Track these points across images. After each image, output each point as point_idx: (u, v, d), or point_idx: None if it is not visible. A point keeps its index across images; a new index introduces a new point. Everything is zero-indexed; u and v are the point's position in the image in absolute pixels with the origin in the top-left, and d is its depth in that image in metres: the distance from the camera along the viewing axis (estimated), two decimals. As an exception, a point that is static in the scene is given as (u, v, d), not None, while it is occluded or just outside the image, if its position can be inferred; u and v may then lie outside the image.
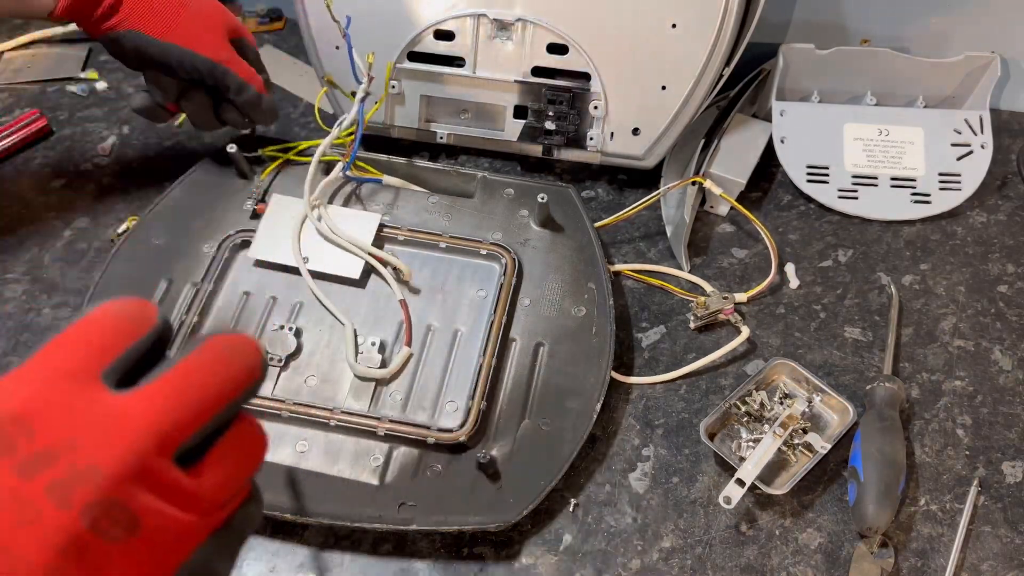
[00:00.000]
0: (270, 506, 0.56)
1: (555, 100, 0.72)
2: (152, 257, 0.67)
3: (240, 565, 0.56)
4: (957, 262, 0.73)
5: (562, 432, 0.59)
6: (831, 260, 0.73)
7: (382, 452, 0.58)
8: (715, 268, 0.72)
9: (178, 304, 0.64)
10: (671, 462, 0.61)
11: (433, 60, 0.73)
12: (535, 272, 0.67)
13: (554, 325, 0.64)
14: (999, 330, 0.68)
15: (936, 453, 0.62)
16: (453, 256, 0.68)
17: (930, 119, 0.77)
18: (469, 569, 0.56)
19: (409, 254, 0.68)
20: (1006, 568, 0.57)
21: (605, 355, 0.62)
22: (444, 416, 0.61)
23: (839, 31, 0.81)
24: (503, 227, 0.69)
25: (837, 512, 0.59)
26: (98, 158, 0.79)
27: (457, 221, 0.69)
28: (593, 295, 0.65)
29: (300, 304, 0.66)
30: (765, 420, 0.62)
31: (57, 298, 0.69)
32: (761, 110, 0.80)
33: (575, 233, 0.69)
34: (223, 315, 0.65)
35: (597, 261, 0.67)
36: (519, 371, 0.62)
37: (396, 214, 0.70)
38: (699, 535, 0.58)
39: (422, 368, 0.63)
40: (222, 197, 0.70)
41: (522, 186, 0.71)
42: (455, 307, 0.66)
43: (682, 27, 0.67)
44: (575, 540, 0.58)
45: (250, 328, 0.64)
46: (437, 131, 0.76)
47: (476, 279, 0.67)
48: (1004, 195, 0.78)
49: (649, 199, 0.70)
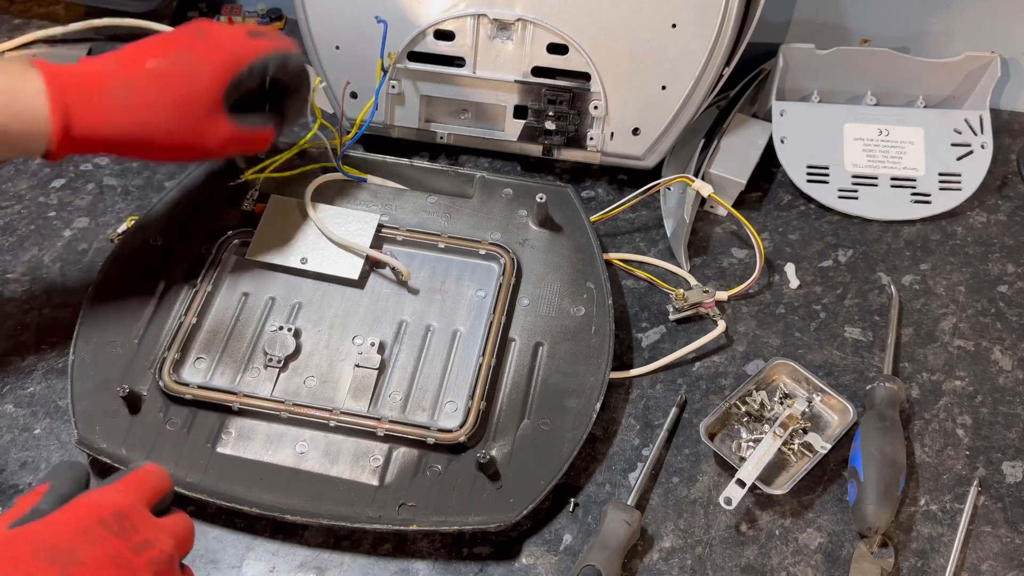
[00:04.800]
0: (270, 507, 0.56)
1: (555, 100, 0.72)
2: (151, 257, 0.67)
3: (240, 565, 0.56)
4: (957, 262, 0.73)
5: (562, 432, 0.59)
6: (831, 260, 0.73)
7: (382, 452, 0.58)
8: (715, 268, 0.72)
9: (177, 305, 0.64)
10: (671, 462, 0.61)
11: (433, 60, 0.72)
12: (534, 272, 0.67)
13: (553, 325, 0.64)
14: (999, 330, 0.68)
15: (936, 453, 0.62)
16: (452, 256, 0.68)
17: (930, 119, 0.77)
18: (469, 569, 0.56)
19: (408, 254, 0.68)
20: (1006, 568, 0.57)
21: (604, 355, 0.62)
22: (444, 416, 0.60)
23: (839, 31, 0.81)
24: (502, 227, 0.69)
25: (837, 512, 0.59)
26: (98, 158, 0.79)
27: (456, 221, 0.69)
28: (592, 295, 0.65)
29: (299, 305, 0.66)
30: (765, 420, 0.62)
31: (57, 298, 0.69)
32: (761, 110, 0.80)
33: (574, 233, 0.69)
34: (221, 316, 0.65)
35: (596, 261, 0.67)
36: (518, 371, 0.62)
37: (395, 214, 0.70)
38: (699, 535, 0.58)
39: (422, 368, 0.63)
40: (221, 197, 0.70)
41: (521, 186, 0.71)
42: (454, 307, 0.66)
43: (682, 27, 0.67)
44: (575, 540, 0.58)
45: (249, 328, 0.64)
46: (437, 131, 0.76)
47: (475, 279, 0.67)
48: (1004, 195, 0.78)
49: (641, 193, 0.70)
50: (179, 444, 0.58)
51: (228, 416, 0.60)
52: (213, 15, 0.91)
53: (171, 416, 0.59)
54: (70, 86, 0.54)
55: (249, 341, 0.64)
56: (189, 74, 0.56)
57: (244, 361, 0.63)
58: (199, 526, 0.58)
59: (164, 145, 0.57)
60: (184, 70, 0.56)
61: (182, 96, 0.56)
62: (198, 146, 0.58)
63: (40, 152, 0.55)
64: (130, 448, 0.58)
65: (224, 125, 0.58)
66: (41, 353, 0.66)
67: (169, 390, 0.59)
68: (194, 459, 0.58)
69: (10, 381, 0.64)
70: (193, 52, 0.57)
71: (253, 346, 0.63)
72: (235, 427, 0.59)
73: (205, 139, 0.58)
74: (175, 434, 0.59)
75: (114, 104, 0.55)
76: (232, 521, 0.58)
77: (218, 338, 0.64)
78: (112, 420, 0.59)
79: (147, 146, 0.57)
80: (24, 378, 0.64)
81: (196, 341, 0.63)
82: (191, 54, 0.57)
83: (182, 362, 0.62)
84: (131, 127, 0.55)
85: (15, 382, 0.64)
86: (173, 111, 0.56)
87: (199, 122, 0.57)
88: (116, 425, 0.59)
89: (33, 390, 0.64)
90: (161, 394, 0.60)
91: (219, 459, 0.58)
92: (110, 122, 0.55)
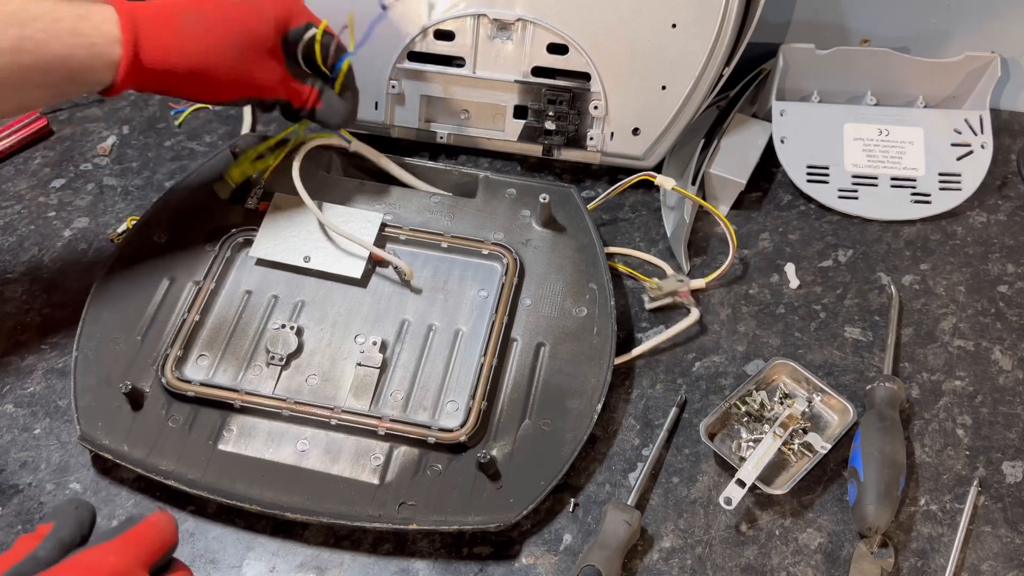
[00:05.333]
0: (271, 504, 0.56)
1: (555, 100, 0.72)
2: (154, 255, 0.67)
3: (240, 564, 0.56)
4: (957, 262, 0.73)
5: (562, 432, 0.59)
6: (831, 260, 0.73)
7: (382, 451, 0.58)
8: (715, 268, 0.72)
9: (180, 303, 0.64)
10: (671, 462, 0.61)
11: (433, 60, 0.73)
12: (537, 272, 0.67)
13: (555, 325, 0.64)
14: (999, 330, 0.68)
15: (936, 453, 0.62)
16: (455, 256, 0.68)
17: (930, 119, 0.77)
18: (469, 569, 0.56)
19: (411, 254, 0.68)
20: (1006, 568, 0.57)
21: (606, 355, 0.62)
22: (445, 416, 0.61)
23: (839, 31, 0.81)
24: (505, 227, 0.69)
25: (837, 512, 0.59)
26: (98, 158, 0.79)
27: (459, 221, 0.69)
28: (595, 295, 0.65)
29: (302, 303, 0.66)
30: (765, 420, 0.62)
31: (57, 298, 0.69)
32: (761, 110, 0.80)
33: (577, 233, 0.69)
34: (224, 313, 0.65)
35: (599, 261, 0.67)
36: (520, 371, 0.62)
37: (398, 213, 0.70)
38: (699, 535, 0.58)
39: (423, 368, 0.63)
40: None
41: (524, 186, 0.71)
42: (456, 307, 0.66)
43: (682, 27, 0.67)
44: (575, 540, 0.58)
45: (252, 326, 0.64)
46: (437, 131, 0.76)
47: (477, 279, 0.67)
48: (1004, 195, 0.78)
49: (631, 180, 0.70)
50: (181, 441, 0.58)
51: (230, 413, 0.60)
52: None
53: (173, 413, 0.59)
54: (140, 13, 0.54)
55: (252, 339, 0.64)
56: (256, 10, 0.58)
57: (246, 359, 0.63)
58: (199, 524, 0.58)
59: (223, 79, 0.58)
60: (248, 8, 0.58)
61: (248, 30, 0.58)
62: (253, 82, 0.60)
63: (103, 84, 0.55)
64: (132, 445, 0.58)
65: (279, 66, 0.60)
66: (41, 353, 0.66)
67: (171, 387, 0.59)
68: (195, 456, 0.58)
69: (10, 381, 0.64)
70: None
71: (256, 344, 0.63)
72: (236, 425, 0.59)
73: (260, 76, 0.60)
74: (177, 431, 0.59)
75: (183, 33, 0.56)
76: (232, 519, 0.58)
77: (221, 336, 0.64)
78: (114, 416, 0.59)
79: (208, 79, 0.58)
80: (24, 378, 0.64)
81: (199, 338, 0.63)
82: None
83: (185, 359, 0.62)
84: (197, 57, 0.56)
85: (15, 382, 0.64)
86: (237, 44, 0.58)
87: (259, 58, 0.59)
88: (118, 422, 0.59)
89: (33, 390, 0.64)
90: (163, 391, 0.60)
91: (220, 456, 0.58)
92: (179, 51, 0.56)
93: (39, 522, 0.42)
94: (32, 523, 0.58)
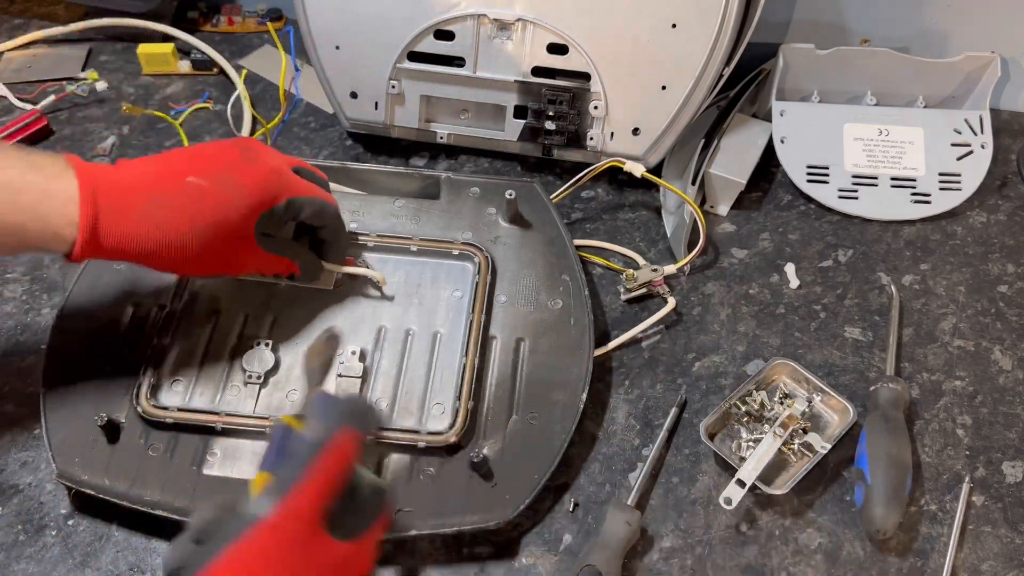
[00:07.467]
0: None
1: (555, 100, 0.72)
2: (116, 280, 0.65)
3: (240, 565, 0.56)
4: (957, 262, 0.73)
5: (551, 425, 0.59)
6: (831, 260, 0.73)
7: (373, 461, 0.58)
8: (715, 268, 0.72)
9: (147, 328, 0.62)
10: (671, 462, 0.61)
11: (433, 60, 0.72)
12: (509, 269, 0.66)
13: (532, 319, 0.64)
14: (999, 330, 0.68)
15: (936, 453, 0.62)
16: (425, 259, 0.67)
17: (930, 119, 0.77)
18: (469, 569, 0.56)
19: (381, 260, 0.67)
20: (1006, 568, 0.57)
21: (585, 345, 0.62)
22: (432, 419, 0.60)
23: (839, 31, 0.81)
24: (472, 226, 0.69)
25: (837, 512, 0.59)
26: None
27: (425, 223, 0.69)
28: (568, 287, 0.65)
29: (274, 319, 0.64)
30: (765, 420, 0.62)
31: (57, 298, 0.69)
32: (761, 110, 0.80)
33: (544, 227, 0.69)
34: (195, 336, 0.62)
35: (568, 253, 0.67)
36: (502, 368, 0.62)
37: (363, 221, 0.69)
38: (699, 535, 0.58)
39: (405, 373, 0.62)
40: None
41: (487, 184, 0.71)
42: (432, 309, 0.65)
43: (682, 27, 0.67)
44: (575, 540, 0.58)
45: (224, 346, 0.62)
46: (437, 131, 0.76)
47: (450, 280, 0.67)
48: (1004, 195, 0.78)
49: (598, 168, 0.70)
50: (163, 469, 0.57)
51: (211, 437, 0.58)
52: (213, 15, 0.91)
53: (152, 441, 0.58)
54: (104, 193, 0.52)
55: (226, 359, 0.62)
56: (227, 198, 0.55)
57: (223, 380, 0.61)
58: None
59: (190, 263, 0.55)
60: (223, 193, 0.55)
61: (217, 220, 0.54)
62: (224, 267, 0.58)
63: (60, 252, 0.53)
64: (112, 478, 0.56)
65: (252, 251, 0.57)
66: (41, 353, 0.66)
67: (148, 415, 0.58)
68: (180, 483, 0.56)
69: (10, 381, 0.64)
70: (235, 174, 0.55)
71: (230, 364, 0.62)
72: (220, 447, 0.58)
73: (232, 262, 0.57)
74: (158, 459, 0.57)
75: (146, 219, 0.53)
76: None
77: (194, 358, 0.62)
78: (91, 450, 0.57)
79: (173, 262, 0.55)
80: (24, 378, 0.64)
81: (170, 363, 0.61)
82: (233, 176, 0.55)
83: (158, 386, 0.60)
84: (159, 243, 0.53)
85: (15, 382, 0.64)
86: (204, 232, 0.54)
87: (229, 244, 0.56)
88: (96, 455, 0.57)
89: (33, 390, 0.64)
90: (140, 420, 0.58)
91: (207, 481, 0.56)
92: (139, 235, 0.53)
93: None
94: (32, 523, 0.58)
